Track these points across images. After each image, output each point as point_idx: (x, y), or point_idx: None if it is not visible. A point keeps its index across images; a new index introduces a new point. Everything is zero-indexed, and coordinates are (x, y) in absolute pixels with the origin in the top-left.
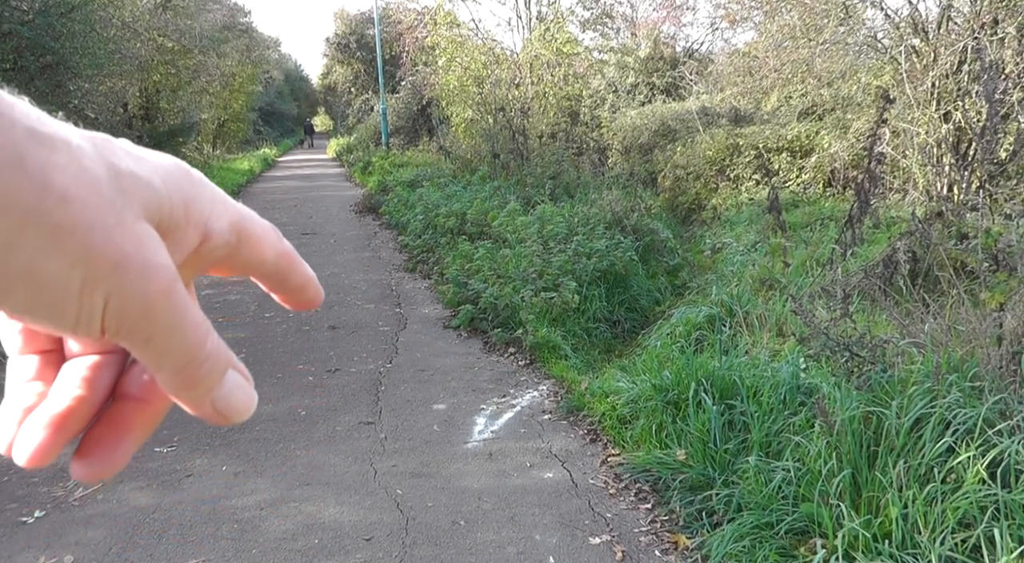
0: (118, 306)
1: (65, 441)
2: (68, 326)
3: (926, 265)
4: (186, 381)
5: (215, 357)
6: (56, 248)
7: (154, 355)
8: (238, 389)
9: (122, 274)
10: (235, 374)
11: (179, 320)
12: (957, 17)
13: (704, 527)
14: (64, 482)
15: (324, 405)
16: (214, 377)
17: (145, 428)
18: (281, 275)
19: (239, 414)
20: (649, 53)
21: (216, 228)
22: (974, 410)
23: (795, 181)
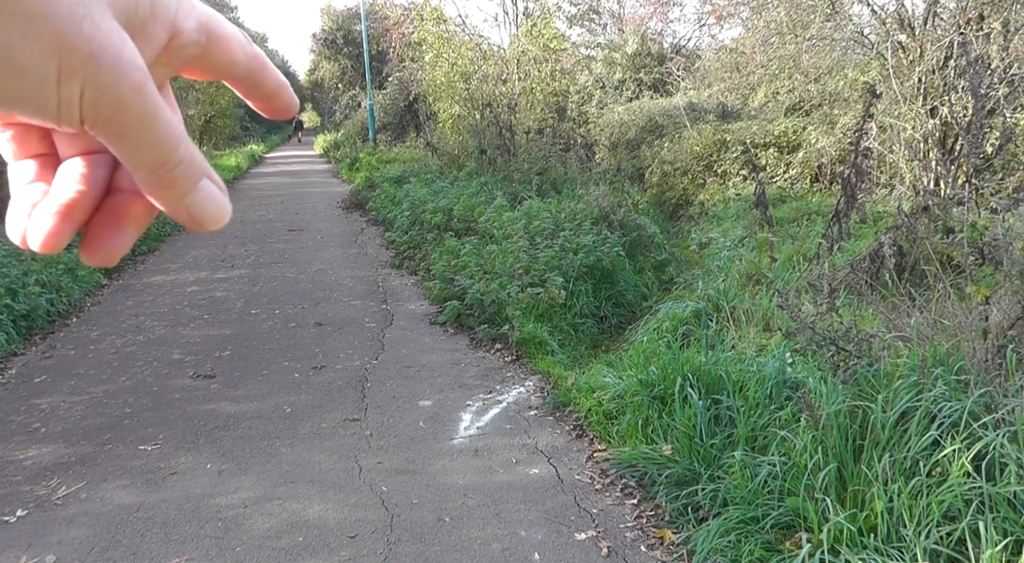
0: (93, 97)
1: (73, 228)
2: (52, 114)
3: (912, 259)
4: (160, 181)
5: (189, 162)
6: (30, 34)
7: (128, 151)
8: (211, 198)
9: (95, 66)
10: (209, 184)
11: (151, 117)
12: (943, 13)
13: (690, 522)
14: (47, 481)
15: (309, 402)
16: (188, 182)
17: (140, 218)
18: (254, 78)
19: (212, 220)
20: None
21: (184, 26)
22: (959, 403)
23: (782, 176)
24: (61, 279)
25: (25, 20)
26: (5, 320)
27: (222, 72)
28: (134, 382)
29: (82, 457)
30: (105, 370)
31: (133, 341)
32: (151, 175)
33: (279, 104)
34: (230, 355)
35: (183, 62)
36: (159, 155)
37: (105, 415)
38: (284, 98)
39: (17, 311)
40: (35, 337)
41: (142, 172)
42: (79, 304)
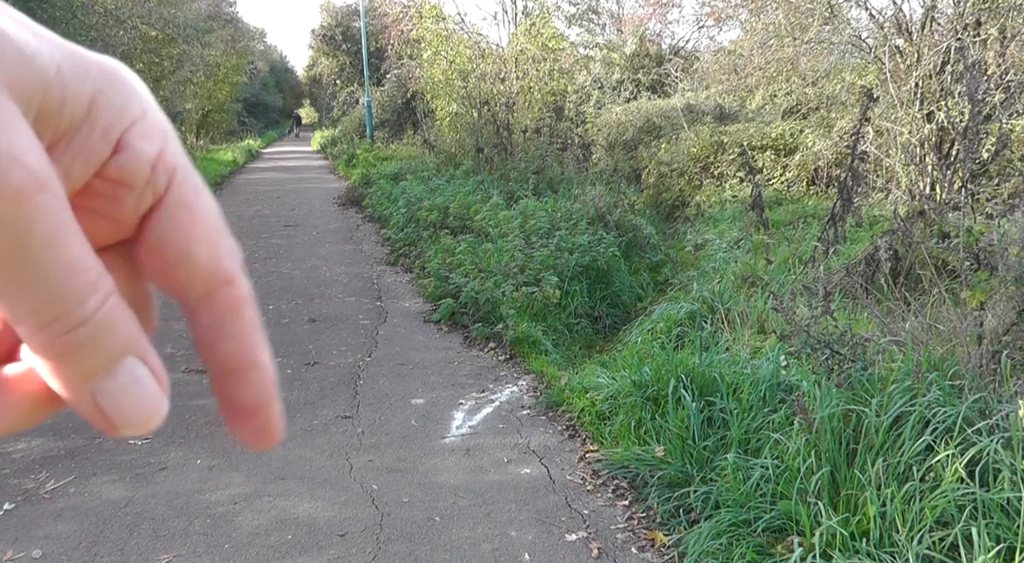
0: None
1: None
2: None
3: (908, 264)
4: (54, 346)
5: (103, 325)
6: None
7: (2, 290)
8: (136, 388)
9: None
10: (139, 366)
11: (37, 248)
12: (940, 18)
13: (681, 524)
14: (35, 474)
15: (301, 398)
16: (99, 356)
17: (23, 402)
18: (215, 316)
19: (131, 423)
20: (635, 50)
21: (138, 146)
22: (953, 409)
23: (779, 179)
24: None
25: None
26: None
27: (167, 266)
28: None
29: (71, 451)
30: None
31: None
32: (37, 334)
33: (238, 395)
34: None
35: (124, 211)
36: (49, 305)
37: None
38: (246, 391)
39: None
40: None
41: (23, 328)
42: None
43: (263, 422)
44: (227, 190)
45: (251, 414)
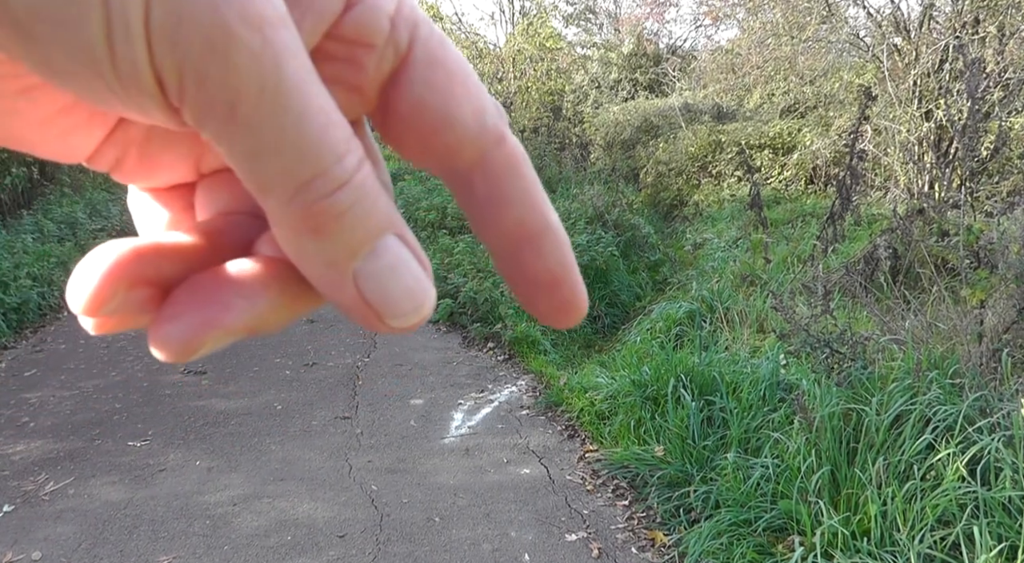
0: (165, 17)
1: (138, 281)
2: (100, 54)
3: (907, 262)
4: (309, 215)
5: (367, 192)
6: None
7: (247, 148)
8: (403, 267)
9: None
10: (401, 246)
11: (287, 89)
12: (939, 16)
13: (682, 524)
14: (35, 476)
15: (300, 399)
16: (361, 229)
17: (261, 298)
18: (492, 180)
19: (401, 311)
20: (632, 49)
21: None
22: (954, 407)
23: (777, 178)
24: (53, 272)
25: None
26: None
27: (428, 133)
28: (124, 377)
29: (71, 452)
30: (95, 365)
31: (124, 336)
32: (290, 202)
33: (536, 267)
34: (221, 351)
35: (365, 77)
36: (304, 162)
37: (95, 410)
38: (547, 256)
39: (8, 304)
40: (26, 331)
41: (274, 197)
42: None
43: (568, 292)
44: None
45: (554, 285)
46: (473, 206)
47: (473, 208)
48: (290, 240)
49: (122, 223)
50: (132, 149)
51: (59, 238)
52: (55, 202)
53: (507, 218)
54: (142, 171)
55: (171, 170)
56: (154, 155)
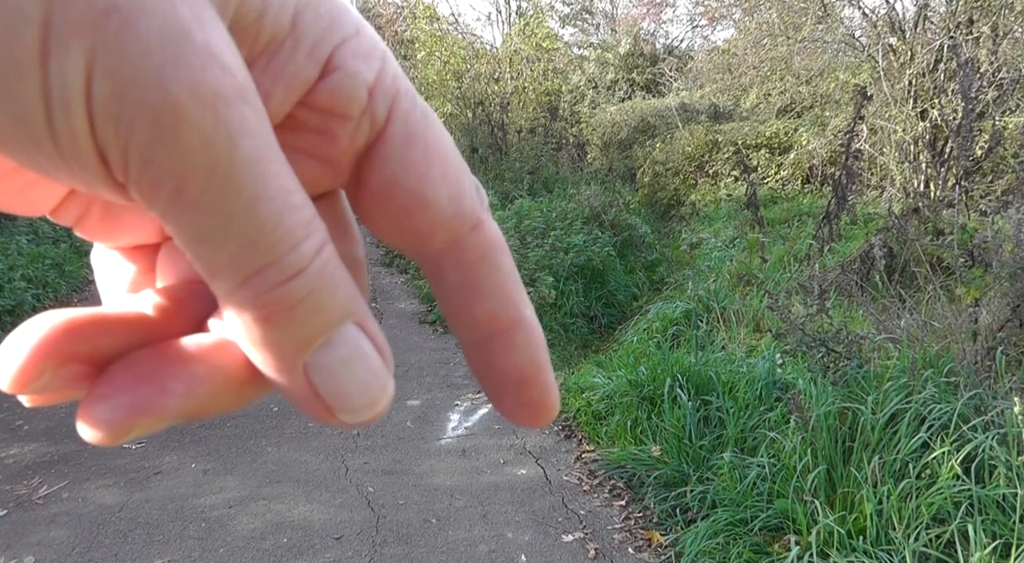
0: (111, 91)
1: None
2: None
3: (902, 261)
4: (261, 304)
5: (324, 281)
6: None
7: (195, 230)
8: (359, 360)
9: (118, 26)
10: (360, 335)
11: (240, 170)
12: (933, 16)
13: (678, 524)
14: (28, 480)
15: None
16: (316, 319)
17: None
18: (465, 268)
19: (353, 406)
20: (629, 49)
21: (352, 66)
22: (949, 405)
23: (773, 177)
24: (48, 274)
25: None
26: None
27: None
28: None
29: (65, 456)
30: None
31: None
32: (240, 288)
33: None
34: None
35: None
36: (257, 248)
37: None
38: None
39: (2, 306)
40: None
41: (223, 281)
42: (66, 299)
43: (538, 392)
44: None
45: (522, 383)
46: (444, 293)
47: (444, 295)
48: (236, 327)
49: None
50: (95, 207)
51: (54, 240)
52: None
53: (478, 309)
54: (105, 230)
55: (134, 231)
56: (117, 215)
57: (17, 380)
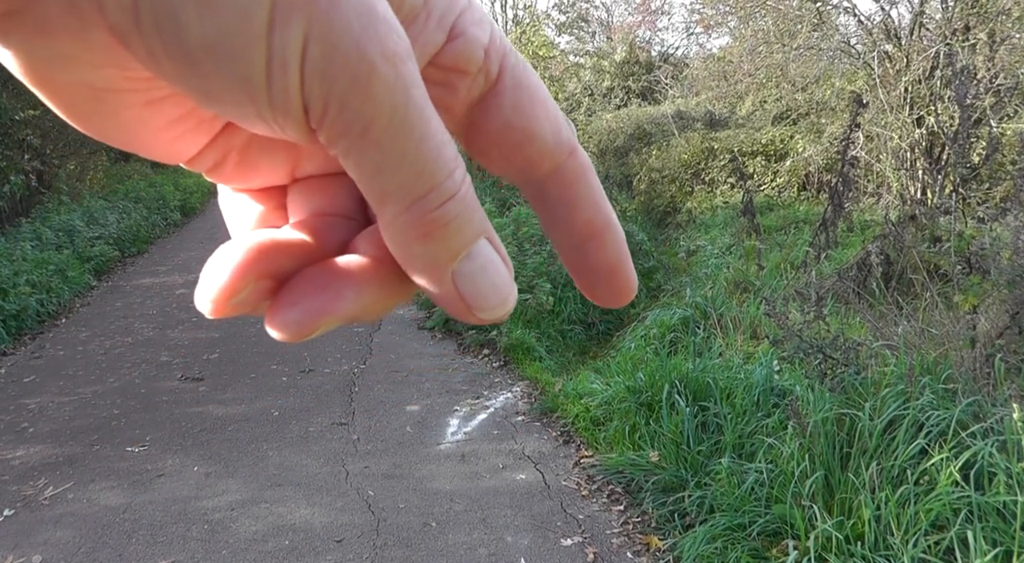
0: (321, 55)
1: (266, 272)
2: (258, 85)
3: (899, 268)
4: (420, 225)
5: (469, 203)
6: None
7: (375, 165)
8: (490, 267)
9: (328, 5)
10: (491, 250)
11: (414, 113)
12: (929, 23)
13: (676, 528)
14: (34, 481)
15: (297, 406)
16: (461, 233)
17: (366, 292)
18: (565, 187)
19: (489, 305)
20: (625, 57)
21: (471, 32)
22: (947, 412)
23: (769, 185)
24: (51, 280)
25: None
26: None
27: (511, 148)
28: (122, 383)
29: (70, 458)
30: (94, 371)
31: (122, 343)
32: (405, 213)
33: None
34: (218, 358)
35: (463, 101)
36: (422, 178)
37: (93, 416)
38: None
39: (7, 311)
40: (25, 337)
41: (392, 208)
42: (69, 305)
43: (623, 278)
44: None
45: (612, 274)
46: (545, 209)
47: (545, 211)
48: (399, 243)
49: (119, 230)
50: (232, 154)
51: (57, 246)
52: (53, 210)
53: (576, 220)
54: (240, 174)
55: (267, 174)
56: (253, 160)
57: (223, 293)
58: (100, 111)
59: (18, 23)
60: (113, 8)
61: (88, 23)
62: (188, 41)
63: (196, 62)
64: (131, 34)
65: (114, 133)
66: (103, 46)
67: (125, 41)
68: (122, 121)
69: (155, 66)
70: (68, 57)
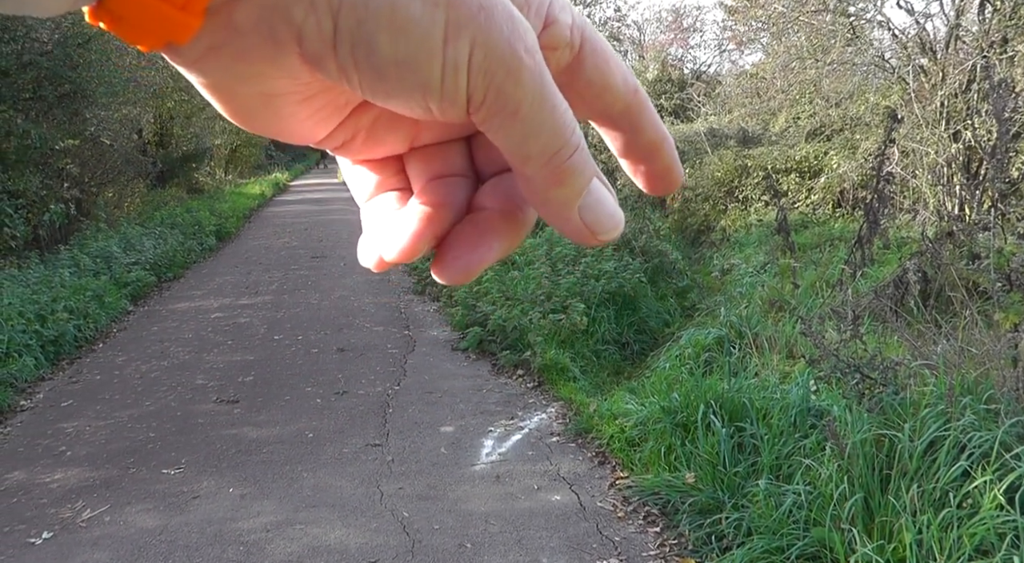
0: (483, 58)
1: (435, 234)
2: (434, 86)
3: (938, 285)
4: (556, 174)
5: (583, 151)
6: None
7: (520, 134)
8: (605, 200)
9: (487, 19)
10: (601, 185)
11: (547, 90)
12: (965, 36)
13: (713, 551)
14: (72, 504)
15: (331, 427)
16: (583, 177)
17: (505, 236)
18: (632, 118)
19: (606, 227)
20: (657, 75)
21: (559, 17)
22: (990, 433)
23: (804, 202)
24: (89, 305)
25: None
26: (34, 345)
27: (593, 98)
28: (158, 407)
29: (106, 480)
30: (130, 395)
31: (157, 366)
32: (544, 167)
33: (657, 165)
34: (253, 380)
35: (552, 69)
36: (556, 139)
37: (129, 439)
38: (664, 158)
39: (46, 336)
40: (63, 362)
41: (534, 164)
42: (105, 330)
43: (676, 174)
44: (255, 223)
45: (668, 172)
46: (618, 136)
47: (618, 137)
48: (539, 190)
49: (155, 256)
50: (361, 133)
51: (95, 272)
52: (91, 237)
53: (645, 138)
54: (366, 148)
55: (391, 146)
56: (379, 136)
57: (405, 254)
58: (264, 111)
59: (219, 54)
60: (312, 39)
61: (284, 50)
62: (380, 59)
63: (384, 74)
64: (326, 57)
65: (268, 126)
66: (291, 65)
67: (317, 63)
68: (279, 116)
69: (343, 79)
70: (255, 75)
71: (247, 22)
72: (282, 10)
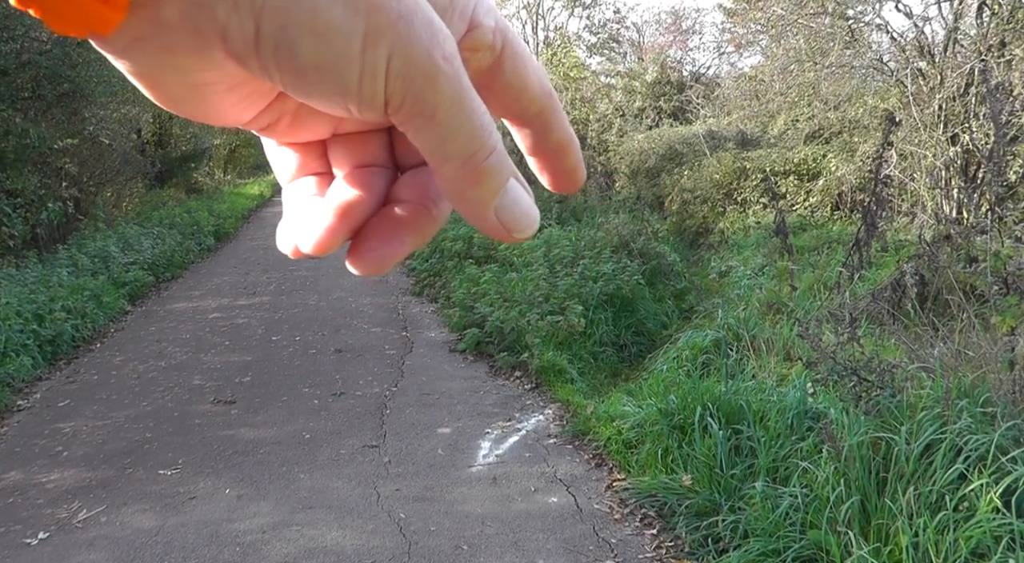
0: (401, 65)
1: (348, 228)
2: (352, 88)
3: (935, 289)
4: (473, 174)
5: (500, 153)
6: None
7: (440, 137)
8: (520, 200)
9: (406, 28)
10: (518, 185)
11: (465, 95)
12: (963, 39)
13: (710, 553)
14: (68, 504)
15: (328, 428)
16: (500, 177)
17: (421, 229)
18: (544, 120)
19: (521, 227)
20: (656, 77)
21: (483, 21)
22: (986, 436)
23: (802, 204)
24: (87, 305)
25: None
26: (31, 345)
27: (510, 100)
28: (155, 407)
29: (103, 481)
30: (127, 395)
31: (155, 367)
32: (461, 168)
33: (564, 165)
34: (250, 381)
35: (473, 69)
36: (472, 141)
37: (126, 440)
38: (571, 158)
39: (43, 336)
40: (60, 362)
41: (451, 165)
42: (103, 330)
43: (580, 173)
44: (254, 223)
45: (571, 173)
46: (530, 135)
47: (529, 136)
48: (456, 190)
49: (153, 256)
50: (286, 116)
51: (93, 272)
52: (89, 237)
53: (554, 138)
54: (291, 131)
55: (315, 131)
56: (304, 120)
57: (319, 247)
58: (192, 98)
59: (144, 46)
60: (235, 39)
61: (208, 45)
62: (301, 62)
63: (304, 75)
64: (249, 56)
65: (195, 111)
66: (216, 60)
67: (241, 61)
68: (206, 103)
69: (264, 76)
70: (181, 67)
71: (173, 17)
72: (207, 8)
